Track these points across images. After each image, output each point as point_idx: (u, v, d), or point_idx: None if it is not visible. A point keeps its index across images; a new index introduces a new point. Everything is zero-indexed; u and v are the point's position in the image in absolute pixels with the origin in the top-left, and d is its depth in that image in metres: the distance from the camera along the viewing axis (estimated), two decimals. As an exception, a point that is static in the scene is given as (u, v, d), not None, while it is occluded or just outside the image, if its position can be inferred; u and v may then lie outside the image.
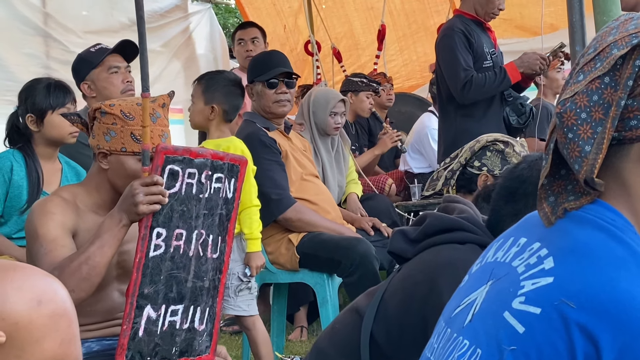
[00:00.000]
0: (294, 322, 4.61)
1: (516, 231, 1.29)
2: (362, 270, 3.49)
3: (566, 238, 1.14)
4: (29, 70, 5.58)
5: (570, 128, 1.12)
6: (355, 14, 7.60)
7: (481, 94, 4.44)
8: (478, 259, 1.35)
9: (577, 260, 1.10)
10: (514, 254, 1.21)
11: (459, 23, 4.55)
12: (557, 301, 1.06)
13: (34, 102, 3.08)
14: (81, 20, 5.90)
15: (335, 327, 1.99)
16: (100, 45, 3.73)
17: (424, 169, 5.66)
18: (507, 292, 1.14)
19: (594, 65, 1.13)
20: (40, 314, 1.25)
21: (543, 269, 1.12)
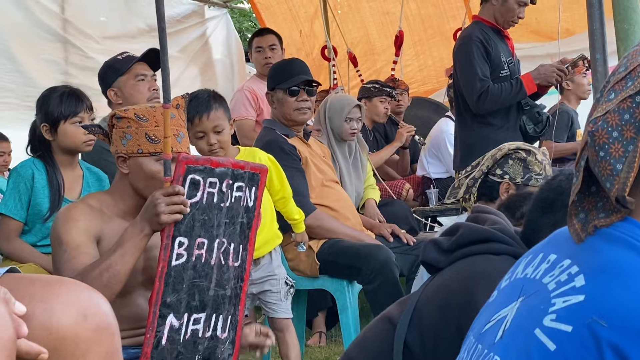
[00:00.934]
0: (312, 328, 4.63)
1: (545, 247, 1.29)
2: (382, 277, 3.50)
3: (597, 256, 1.15)
4: (48, 76, 5.63)
5: (601, 146, 1.12)
6: (371, 19, 7.61)
7: (496, 104, 4.42)
8: (507, 275, 1.35)
9: (608, 278, 1.10)
10: (544, 271, 1.22)
11: (478, 31, 4.51)
12: (588, 319, 1.07)
13: (47, 112, 3.10)
14: (99, 26, 5.94)
15: (366, 336, 2.00)
16: (127, 53, 3.75)
17: (441, 174, 5.67)
18: (538, 309, 1.15)
19: (625, 84, 1.14)
20: (86, 327, 1.29)
21: (574, 286, 1.13)
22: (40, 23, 5.55)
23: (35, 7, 5.51)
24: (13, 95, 5.48)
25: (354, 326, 3.58)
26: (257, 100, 5.21)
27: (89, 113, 3.17)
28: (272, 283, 3.27)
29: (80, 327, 1.28)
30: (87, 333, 1.29)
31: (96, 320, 1.31)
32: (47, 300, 1.28)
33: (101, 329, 1.32)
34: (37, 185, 3.05)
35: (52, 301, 1.29)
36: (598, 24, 3.27)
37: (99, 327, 1.32)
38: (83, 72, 5.72)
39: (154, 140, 2.29)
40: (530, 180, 2.84)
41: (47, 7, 5.59)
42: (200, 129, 3.11)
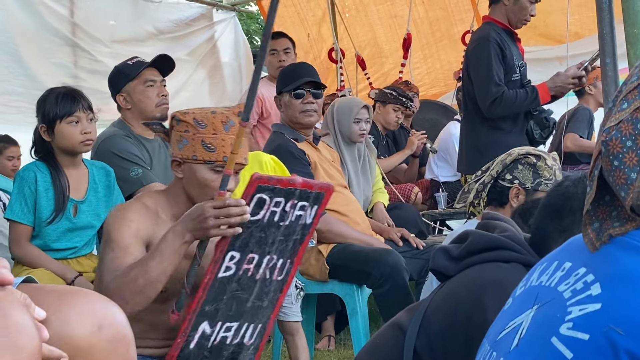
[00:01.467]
0: (321, 331, 4.63)
1: (560, 255, 1.30)
2: (392, 281, 3.50)
3: (613, 264, 1.15)
4: (57, 80, 5.63)
5: (615, 156, 1.13)
6: (379, 22, 7.61)
7: (509, 111, 4.39)
8: (522, 282, 1.35)
9: (624, 287, 1.11)
10: (559, 279, 1.22)
11: (493, 32, 4.44)
12: (605, 328, 1.07)
13: (44, 112, 3.09)
14: (108, 30, 5.96)
15: (377, 342, 2.00)
16: (138, 58, 3.76)
17: (450, 177, 5.67)
18: (554, 317, 1.15)
19: (637, 94, 1.14)
20: (101, 338, 1.29)
21: (590, 295, 1.13)
22: (49, 27, 5.58)
23: (45, 11, 5.54)
24: (22, 98, 5.49)
25: (363, 330, 3.58)
26: (264, 104, 5.22)
27: (87, 113, 3.13)
28: None
29: (96, 337, 1.29)
30: (102, 344, 1.29)
31: (111, 330, 1.32)
32: (62, 310, 1.29)
33: (116, 340, 1.32)
34: (40, 188, 3.04)
35: (67, 312, 1.29)
36: (608, 28, 3.27)
37: (114, 337, 1.32)
38: (92, 76, 5.74)
39: (210, 148, 2.25)
40: (540, 186, 2.84)
41: (56, 11, 5.62)
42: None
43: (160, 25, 6.35)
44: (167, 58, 3.70)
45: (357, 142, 4.41)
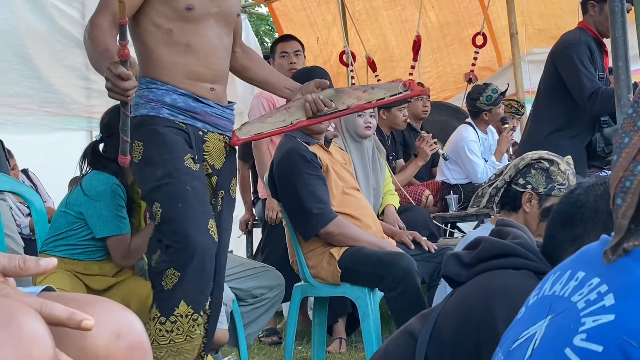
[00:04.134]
0: (332, 334, 4.63)
1: (573, 264, 1.29)
2: (404, 285, 3.50)
3: (627, 275, 1.14)
4: (68, 82, 5.68)
5: None
6: (389, 27, 7.62)
7: (608, 106, 4.30)
8: (535, 291, 1.35)
9: (637, 298, 1.11)
10: (572, 289, 1.22)
11: (584, 36, 4.53)
12: (619, 339, 1.07)
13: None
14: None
15: (389, 349, 2.01)
16: None
17: (461, 180, 5.67)
18: (567, 328, 1.15)
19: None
20: (119, 347, 1.29)
21: (604, 305, 1.13)
22: (60, 29, 5.60)
23: (56, 13, 5.56)
24: (31, 100, 5.52)
25: (375, 334, 3.58)
26: (274, 107, 5.22)
27: None
28: None
29: (114, 346, 1.30)
30: (120, 352, 1.30)
31: (129, 339, 1.33)
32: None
33: (134, 348, 1.33)
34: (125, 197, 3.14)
35: None
36: (620, 32, 3.26)
37: (132, 345, 1.33)
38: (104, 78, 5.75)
39: None
40: (553, 190, 2.84)
41: (67, 13, 5.63)
42: None
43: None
44: None
45: (365, 136, 4.42)
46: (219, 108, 2.92)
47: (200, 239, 2.66)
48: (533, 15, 7.28)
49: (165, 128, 2.76)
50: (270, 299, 3.73)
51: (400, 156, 5.87)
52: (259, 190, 5.44)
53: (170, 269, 2.64)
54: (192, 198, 2.69)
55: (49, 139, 5.64)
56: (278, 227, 4.67)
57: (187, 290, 2.66)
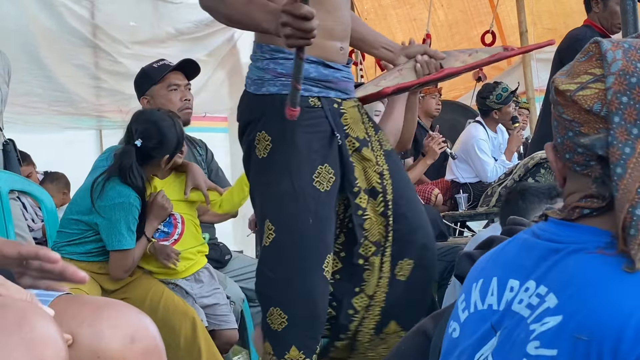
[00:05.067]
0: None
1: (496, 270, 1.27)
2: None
3: (562, 272, 1.14)
4: (77, 82, 5.68)
5: None
6: (398, 26, 7.61)
7: None
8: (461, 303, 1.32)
9: (577, 291, 1.10)
10: (510, 299, 1.20)
11: (591, 32, 4.50)
12: (570, 338, 1.07)
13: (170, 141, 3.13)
14: (129, 31, 5.98)
15: (402, 348, 2.00)
16: (164, 61, 3.76)
17: (470, 179, 5.66)
18: (519, 339, 1.14)
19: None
20: (133, 351, 1.31)
21: (548, 307, 1.12)
22: (70, 29, 5.60)
23: (66, 12, 5.56)
24: (40, 99, 5.52)
25: (386, 333, 3.57)
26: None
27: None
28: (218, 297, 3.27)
29: (128, 350, 1.31)
30: (135, 356, 1.31)
31: (144, 343, 1.33)
32: (95, 324, 1.31)
33: (149, 352, 1.34)
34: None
35: (100, 325, 1.31)
36: (632, 30, 3.26)
37: (146, 350, 1.34)
38: (113, 77, 5.77)
39: None
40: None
41: (77, 13, 5.64)
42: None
43: (181, 27, 6.36)
44: (193, 62, 3.71)
45: None
46: (346, 70, 2.51)
47: (309, 282, 2.35)
48: (542, 14, 7.27)
49: (299, 121, 2.27)
50: (281, 299, 3.71)
51: (409, 155, 5.85)
52: (269, 189, 5.43)
53: (277, 309, 2.36)
54: (312, 231, 2.34)
55: (58, 137, 5.64)
56: (287, 226, 4.66)
57: (297, 335, 2.36)
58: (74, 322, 1.30)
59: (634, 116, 1.13)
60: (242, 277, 3.60)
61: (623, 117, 1.13)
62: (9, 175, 3.43)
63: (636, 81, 1.14)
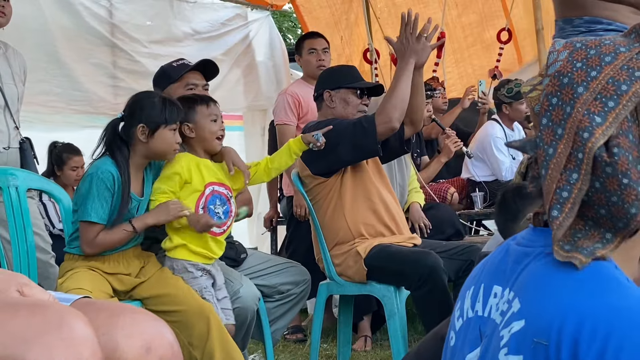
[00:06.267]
0: (357, 332, 4.64)
1: (484, 277, 1.27)
2: (431, 283, 3.48)
3: (527, 276, 1.14)
4: (95, 80, 5.71)
5: (624, 174, 1.10)
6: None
7: None
8: (456, 311, 1.32)
9: (536, 293, 1.10)
10: (492, 306, 1.21)
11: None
12: (532, 344, 1.06)
13: (149, 114, 3.10)
14: (146, 31, 6.00)
15: (420, 352, 2.00)
16: (183, 60, 3.77)
17: (487, 177, 5.65)
18: (494, 347, 1.14)
19: (604, 105, 1.10)
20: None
21: (513, 312, 1.12)
22: (89, 28, 5.62)
23: (84, 12, 5.58)
24: (59, 99, 5.55)
25: (401, 332, 3.57)
26: (300, 105, 5.22)
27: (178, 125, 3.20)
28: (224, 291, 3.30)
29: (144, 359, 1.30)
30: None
31: (160, 351, 1.34)
32: (111, 332, 1.31)
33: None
34: (116, 189, 3.05)
35: (115, 333, 1.32)
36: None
37: (163, 358, 1.33)
38: (130, 76, 5.78)
39: None
40: None
41: (95, 12, 5.66)
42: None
43: (197, 26, 6.39)
44: (211, 62, 3.72)
45: None
46: None
47: None
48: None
49: None
50: (297, 294, 3.73)
51: (425, 153, 5.85)
52: (284, 187, 5.45)
53: None
54: None
55: (77, 136, 5.66)
56: (303, 225, 4.67)
57: None
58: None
59: (559, 116, 1.12)
60: (258, 274, 3.62)
61: (550, 118, 1.13)
62: (27, 174, 3.45)
63: (568, 81, 1.13)
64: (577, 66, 1.13)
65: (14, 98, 4.13)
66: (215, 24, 6.56)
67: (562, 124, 1.12)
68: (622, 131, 1.10)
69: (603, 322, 1.01)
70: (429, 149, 5.96)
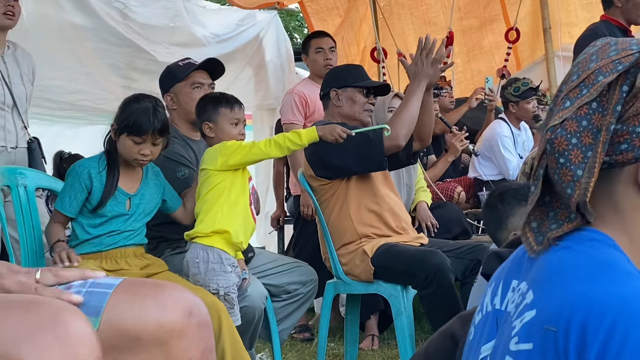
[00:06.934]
0: (364, 331, 4.64)
1: (505, 272, 1.30)
2: (438, 282, 3.49)
3: (541, 269, 1.17)
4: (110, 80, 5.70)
5: (561, 153, 1.15)
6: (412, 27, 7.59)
7: None
8: (477, 308, 1.36)
9: (550, 284, 1.13)
10: (508, 299, 1.24)
11: (604, 28, 4.55)
12: (542, 331, 1.08)
13: (127, 117, 3.08)
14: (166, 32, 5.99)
15: (430, 350, 2.00)
16: (189, 59, 3.78)
17: (494, 176, 5.64)
18: (506, 337, 1.17)
19: (579, 92, 1.16)
20: (191, 323, 1.43)
21: (526, 303, 1.15)
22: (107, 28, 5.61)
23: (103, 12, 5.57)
24: (85, 97, 5.60)
25: (408, 331, 3.58)
26: (307, 104, 5.22)
27: (154, 138, 3.10)
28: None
29: (187, 322, 1.43)
30: (191, 329, 1.43)
31: (199, 318, 1.46)
32: (159, 297, 1.43)
33: (202, 326, 1.45)
34: (96, 184, 3.07)
35: (164, 298, 1.43)
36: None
37: (200, 323, 1.45)
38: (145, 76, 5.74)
39: None
40: None
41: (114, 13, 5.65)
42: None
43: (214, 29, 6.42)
44: (217, 62, 3.72)
45: None
46: None
47: None
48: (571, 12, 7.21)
49: None
50: (304, 294, 3.74)
51: (432, 152, 5.85)
52: (290, 186, 5.46)
53: None
54: None
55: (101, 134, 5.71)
56: (310, 224, 4.68)
57: None
58: (139, 297, 1.41)
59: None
60: (265, 274, 3.63)
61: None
62: (35, 173, 3.46)
63: (575, 70, 1.19)
64: (592, 59, 1.18)
65: (23, 98, 4.14)
66: (230, 25, 6.59)
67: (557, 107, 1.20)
68: (575, 116, 1.15)
69: (611, 311, 1.03)
70: (436, 147, 5.96)
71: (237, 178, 3.25)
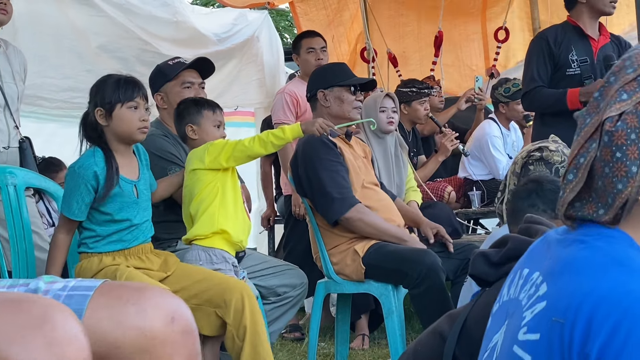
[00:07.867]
0: (355, 330, 4.64)
1: (523, 263, 1.31)
2: (429, 282, 3.49)
3: (555, 262, 1.18)
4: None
5: (619, 147, 1.14)
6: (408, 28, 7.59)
7: (536, 106, 4.64)
8: (497, 298, 1.37)
9: (563, 278, 1.14)
10: (520, 288, 1.25)
11: (551, 31, 4.61)
12: (550, 322, 1.10)
13: (103, 96, 3.04)
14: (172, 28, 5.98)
15: (418, 349, 2.01)
16: (179, 59, 3.77)
17: (484, 176, 5.65)
18: (515, 326, 1.18)
19: (637, 86, 1.16)
20: (173, 330, 1.39)
21: (539, 295, 1.16)
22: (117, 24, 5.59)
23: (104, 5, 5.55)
24: (83, 95, 5.55)
25: (399, 331, 3.58)
26: (298, 103, 5.22)
27: (144, 101, 3.08)
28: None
29: (169, 329, 1.39)
30: (175, 335, 1.40)
31: (182, 324, 1.42)
32: (140, 303, 1.40)
33: (186, 333, 1.42)
34: (101, 182, 3.03)
35: (144, 303, 1.40)
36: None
37: (184, 330, 1.42)
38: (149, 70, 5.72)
39: None
40: (558, 172, 2.82)
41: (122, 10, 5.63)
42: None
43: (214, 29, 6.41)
44: (207, 61, 3.71)
45: (387, 131, 4.43)
46: None
47: None
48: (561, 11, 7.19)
49: None
50: (293, 297, 3.74)
51: (422, 152, 5.85)
52: (282, 186, 5.45)
53: None
54: None
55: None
56: (301, 223, 4.68)
57: None
58: (119, 302, 1.38)
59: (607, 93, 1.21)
60: (255, 275, 3.62)
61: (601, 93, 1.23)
62: (25, 172, 3.44)
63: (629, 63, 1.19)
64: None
65: (14, 97, 4.11)
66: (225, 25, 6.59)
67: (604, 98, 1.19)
68: (636, 111, 1.14)
69: (619, 307, 1.04)
70: (426, 147, 5.97)
71: (228, 178, 3.26)
